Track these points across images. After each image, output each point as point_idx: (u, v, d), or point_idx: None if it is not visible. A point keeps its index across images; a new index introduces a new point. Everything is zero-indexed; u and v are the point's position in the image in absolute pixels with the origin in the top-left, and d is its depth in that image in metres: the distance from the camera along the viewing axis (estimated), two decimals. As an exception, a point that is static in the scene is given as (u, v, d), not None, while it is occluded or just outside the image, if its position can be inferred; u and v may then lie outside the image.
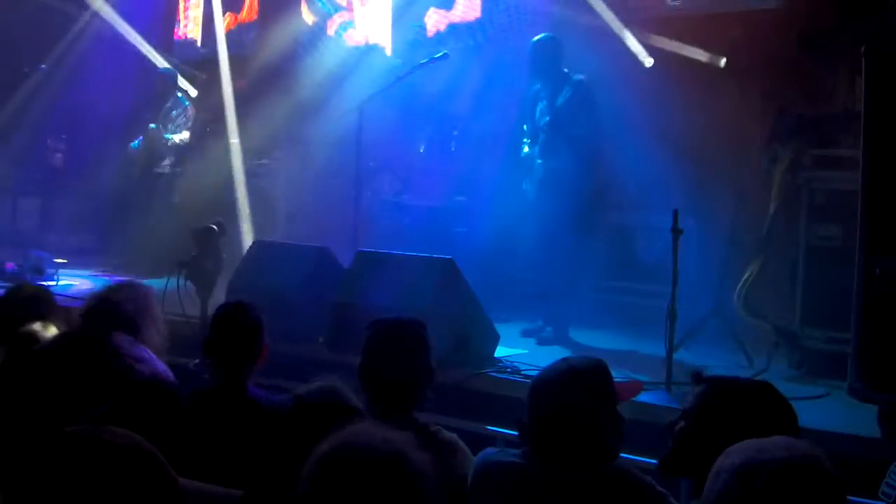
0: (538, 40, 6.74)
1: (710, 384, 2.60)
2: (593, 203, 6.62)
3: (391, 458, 1.65)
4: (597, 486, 2.73)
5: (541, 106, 6.69)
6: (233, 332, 3.57)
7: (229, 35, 10.93)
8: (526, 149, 6.80)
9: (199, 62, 11.02)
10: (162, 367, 3.54)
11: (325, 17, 10.02)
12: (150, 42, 10.68)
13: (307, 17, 10.11)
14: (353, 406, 2.67)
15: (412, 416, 3.24)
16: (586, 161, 6.50)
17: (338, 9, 9.94)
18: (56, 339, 3.70)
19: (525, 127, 6.84)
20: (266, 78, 9.98)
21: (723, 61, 7.34)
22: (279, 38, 10.12)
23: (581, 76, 6.63)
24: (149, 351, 3.57)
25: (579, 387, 2.78)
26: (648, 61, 7.65)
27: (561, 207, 6.47)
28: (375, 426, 1.76)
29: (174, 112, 9.23)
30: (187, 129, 9.26)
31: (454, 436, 3.31)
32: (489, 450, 3.11)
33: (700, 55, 7.42)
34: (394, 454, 1.66)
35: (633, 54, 7.70)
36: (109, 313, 3.70)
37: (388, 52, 9.39)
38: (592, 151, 6.52)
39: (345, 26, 9.87)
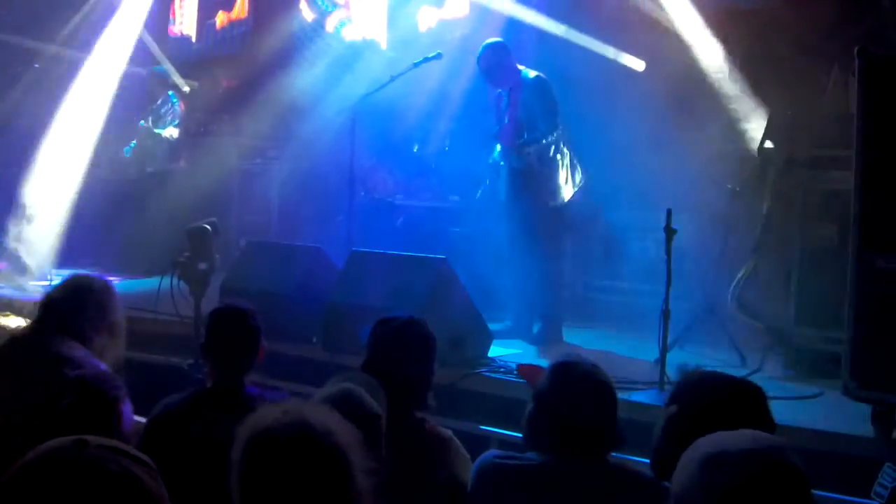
0: (480, 55, 6.71)
1: (695, 377, 2.61)
2: (560, 201, 6.59)
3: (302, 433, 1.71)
4: (611, 481, 2.83)
5: (505, 107, 6.71)
6: (228, 335, 3.57)
7: (221, 33, 10.94)
8: (498, 148, 6.82)
9: (194, 59, 11.02)
10: (94, 364, 3.54)
11: (323, 15, 10.03)
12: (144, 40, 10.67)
13: (307, 14, 10.11)
14: (368, 410, 2.68)
15: (412, 413, 3.26)
16: (548, 159, 6.50)
17: (335, 6, 9.95)
18: (5, 342, 3.73)
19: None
20: (259, 76, 9.97)
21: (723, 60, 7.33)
22: (272, 36, 10.12)
23: (536, 75, 6.62)
24: (82, 350, 3.58)
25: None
26: (640, 65, 7.66)
27: (529, 207, 6.51)
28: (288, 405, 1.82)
29: (163, 110, 9.22)
30: (176, 126, 9.25)
31: (449, 432, 3.33)
32: (493, 451, 3.14)
33: (694, 54, 7.41)
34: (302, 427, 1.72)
35: (627, 54, 7.70)
36: (49, 314, 3.70)
37: (384, 46, 9.40)
38: (554, 149, 6.51)
39: (343, 23, 9.88)
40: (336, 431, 1.81)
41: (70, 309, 3.67)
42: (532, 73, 6.64)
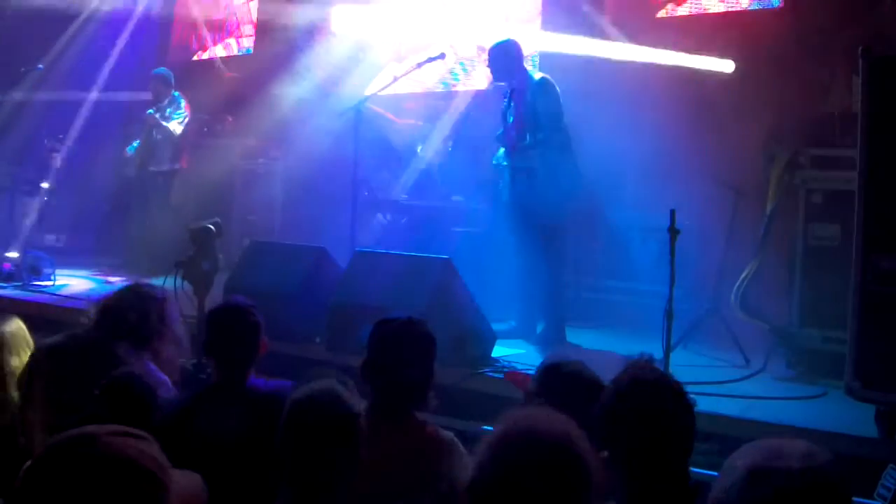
0: (490, 48, 6.81)
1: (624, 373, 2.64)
2: (563, 201, 6.58)
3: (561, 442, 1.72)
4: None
5: (509, 108, 6.73)
6: (228, 331, 3.59)
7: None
8: (501, 150, 6.83)
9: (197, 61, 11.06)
10: (161, 378, 3.55)
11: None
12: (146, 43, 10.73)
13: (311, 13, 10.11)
14: (348, 410, 2.68)
15: (412, 415, 3.25)
16: (551, 160, 6.49)
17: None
18: (62, 338, 3.72)
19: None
20: (263, 76, 9.98)
21: (729, 64, 7.31)
22: (276, 35, 10.13)
23: (541, 76, 6.66)
24: (149, 363, 3.58)
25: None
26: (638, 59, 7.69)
27: (531, 208, 6.52)
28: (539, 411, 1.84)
29: (169, 109, 9.23)
30: (181, 124, 9.26)
31: (451, 434, 3.32)
32: None
33: (698, 55, 7.41)
34: (563, 437, 1.73)
35: (629, 54, 7.71)
36: (115, 321, 3.70)
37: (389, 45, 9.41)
38: (557, 150, 6.51)
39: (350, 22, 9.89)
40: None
41: (135, 317, 3.68)
42: (538, 75, 6.70)
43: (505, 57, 6.69)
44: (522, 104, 6.61)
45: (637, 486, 2.41)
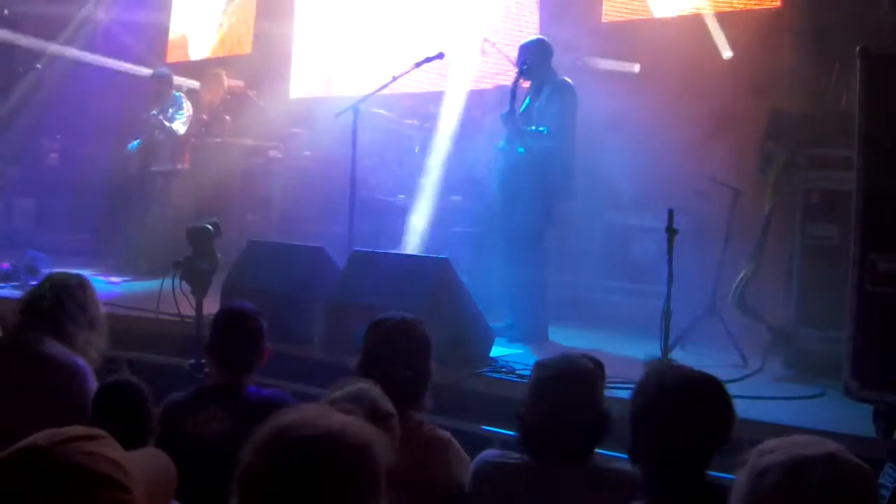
0: (523, 44, 6.89)
1: (649, 372, 2.72)
2: (550, 198, 6.58)
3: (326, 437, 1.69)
4: (595, 481, 2.83)
5: (525, 104, 6.76)
6: (231, 335, 3.59)
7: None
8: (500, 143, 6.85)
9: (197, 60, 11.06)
10: (72, 360, 3.61)
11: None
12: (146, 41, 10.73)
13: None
14: (384, 410, 2.69)
15: (409, 414, 3.25)
16: (543, 154, 6.49)
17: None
18: None
19: None
20: (262, 75, 9.99)
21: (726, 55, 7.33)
22: (274, 35, 10.14)
23: (564, 78, 6.69)
24: (58, 346, 3.65)
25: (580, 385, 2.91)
26: (636, 67, 7.71)
27: (516, 201, 6.54)
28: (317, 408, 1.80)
29: (170, 110, 9.23)
30: (184, 124, 9.26)
31: (448, 434, 3.32)
32: (490, 451, 3.14)
33: (695, 54, 7.41)
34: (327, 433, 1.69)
35: (630, 54, 7.72)
36: (30, 315, 3.77)
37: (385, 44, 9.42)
38: (553, 146, 6.51)
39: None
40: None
41: (50, 307, 3.74)
42: (559, 77, 6.73)
43: (535, 55, 6.74)
44: (538, 101, 6.65)
45: (664, 485, 2.44)
